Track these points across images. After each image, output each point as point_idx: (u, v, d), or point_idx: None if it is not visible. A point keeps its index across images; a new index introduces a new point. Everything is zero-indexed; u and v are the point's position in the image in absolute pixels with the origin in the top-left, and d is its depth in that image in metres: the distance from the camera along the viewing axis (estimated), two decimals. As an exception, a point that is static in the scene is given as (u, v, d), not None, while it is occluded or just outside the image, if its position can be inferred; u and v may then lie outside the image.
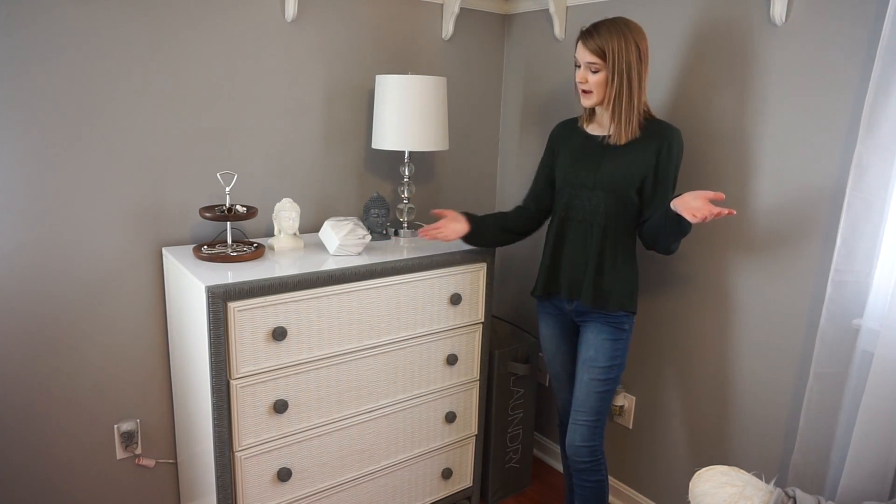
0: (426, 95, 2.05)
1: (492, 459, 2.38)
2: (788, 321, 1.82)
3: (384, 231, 2.18)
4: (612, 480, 2.38)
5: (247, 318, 1.63)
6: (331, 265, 1.81)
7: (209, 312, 1.57)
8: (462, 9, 2.40)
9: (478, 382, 2.21)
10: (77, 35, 1.71)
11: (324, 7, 2.12)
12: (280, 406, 1.73)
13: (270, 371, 1.71)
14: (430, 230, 1.91)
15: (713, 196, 1.53)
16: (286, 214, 1.94)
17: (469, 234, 1.95)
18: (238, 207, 1.91)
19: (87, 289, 1.85)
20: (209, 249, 1.87)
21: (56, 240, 1.78)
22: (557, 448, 2.61)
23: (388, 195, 2.39)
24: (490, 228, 1.99)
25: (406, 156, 2.21)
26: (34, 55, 1.67)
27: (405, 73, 2.11)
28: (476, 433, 2.26)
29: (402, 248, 2.05)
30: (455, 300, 2.04)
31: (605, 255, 1.77)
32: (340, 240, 1.88)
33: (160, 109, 1.88)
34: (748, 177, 1.86)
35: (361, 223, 1.96)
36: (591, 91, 1.72)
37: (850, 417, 1.59)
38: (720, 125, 1.91)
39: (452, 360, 2.09)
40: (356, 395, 1.90)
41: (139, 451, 2.03)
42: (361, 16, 2.21)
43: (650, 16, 1.98)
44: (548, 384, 2.56)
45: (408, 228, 2.23)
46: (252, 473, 1.74)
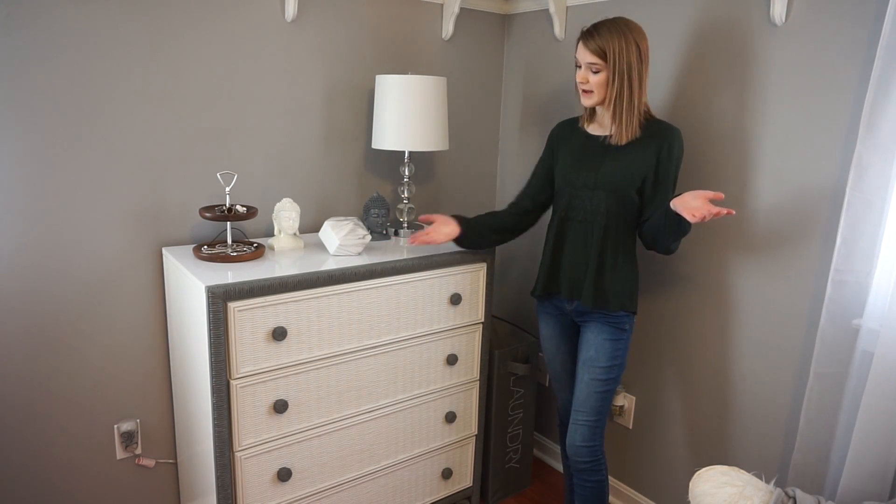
0: (426, 95, 2.05)
1: (492, 459, 2.38)
2: (788, 321, 1.82)
3: (384, 231, 2.18)
4: (612, 480, 2.38)
5: (247, 318, 1.64)
6: (331, 265, 1.81)
7: (209, 312, 1.57)
8: (462, 9, 2.40)
9: (478, 382, 2.21)
10: (77, 35, 1.71)
11: (324, 7, 2.12)
12: (280, 406, 1.73)
13: (270, 371, 1.71)
14: (420, 236, 1.89)
15: (713, 196, 1.53)
16: (286, 214, 1.94)
17: (460, 237, 1.94)
18: (238, 207, 1.91)
19: (87, 289, 1.85)
20: (209, 249, 1.87)
21: (56, 240, 1.78)
22: (557, 448, 2.61)
23: (388, 195, 2.39)
24: (481, 230, 1.98)
25: (406, 156, 2.21)
26: (34, 55, 1.67)
27: (405, 73, 2.11)
28: (476, 433, 2.26)
29: (402, 248, 2.05)
30: (455, 300, 2.04)
31: (606, 255, 1.77)
32: (340, 240, 1.88)
33: (160, 109, 1.88)
34: (748, 177, 1.86)
35: (361, 223, 1.96)
36: (592, 91, 1.72)
37: (850, 417, 1.59)
38: (720, 125, 1.91)
39: (452, 360, 2.09)
40: (356, 395, 1.90)
41: (139, 451, 2.03)
42: (361, 16, 2.21)
43: (650, 16, 1.98)
44: (548, 384, 2.56)
45: (408, 228, 2.22)
46: (252, 473, 1.74)
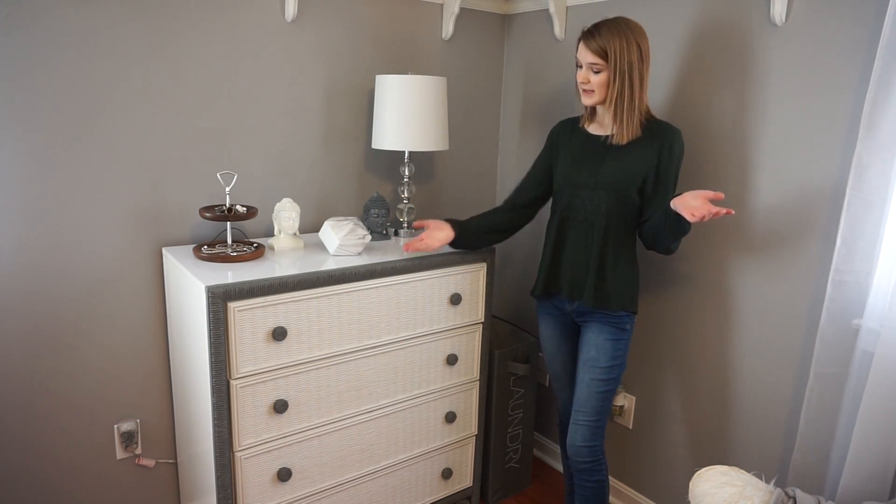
0: (426, 95, 2.04)
1: (492, 459, 2.38)
2: (788, 321, 1.82)
3: (384, 231, 2.18)
4: (613, 480, 2.38)
5: (247, 318, 1.63)
6: (331, 265, 1.81)
7: (209, 312, 1.57)
8: (462, 9, 2.40)
9: (478, 382, 2.21)
10: (77, 35, 1.71)
11: (324, 7, 2.12)
12: (280, 406, 1.73)
13: (270, 371, 1.71)
14: (414, 243, 1.89)
15: (713, 196, 1.53)
16: (286, 214, 1.94)
17: (455, 240, 1.94)
18: (238, 207, 1.91)
19: (87, 289, 1.85)
20: (209, 249, 1.87)
21: (56, 240, 1.78)
22: (557, 448, 2.61)
23: (388, 195, 2.39)
24: (475, 231, 1.98)
25: (406, 156, 2.21)
26: (34, 55, 1.67)
27: (405, 73, 2.11)
28: (476, 433, 2.26)
29: (402, 249, 2.05)
30: (455, 300, 2.04)
31: (607, 256, 1.77)
32: (340, 240, 1.88)
33: (160, 109, 1.88)
34: (748, 177, 1.86)
35: (361, 223, 1.96)
36: (593, 90, 1.72)
37: (850, 417, 1.59)
38: (720, 125, 1.91)
39: (452, 360, 2.09)
40: (356, 395, 1.90)
41: (139, 451, 2.03)
42: (361, 16, 2.21)
43: (650, 16, 1.98)
44: (548, 384, 2.56)
45: (408, 228, 2.23)
46: (252, 473, 1.74)
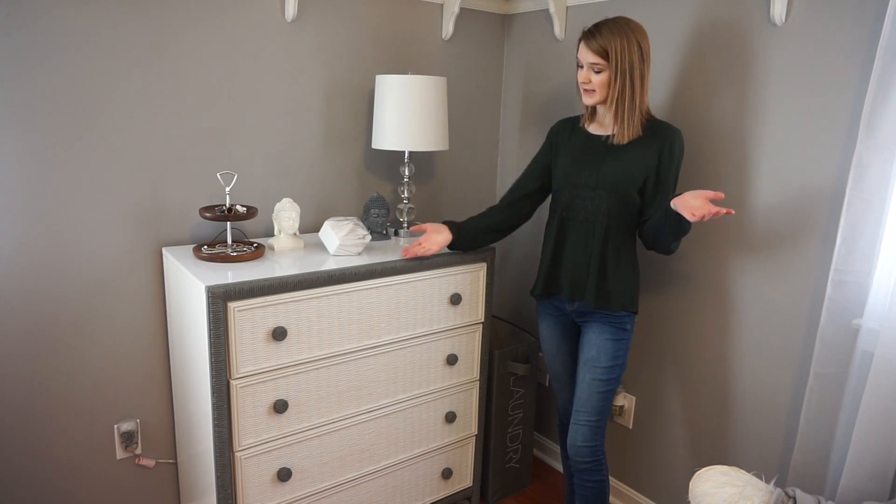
0: (426, 95, 2.04)
1: (492, 459, 2.38)
2: (788, 321, 1.82)
3: (384, 231, 2.18)
4: (613, 480, 2.38)
5: (247, 318, 1.63)
6: (331, 265, 1.81)
7: (209, 312, 1.57)
8: (462, 9, 2.40)
9: (478, 382, 2.21)
10: (77, 35, 1.71)
11: (324, 7, 2.12)
12: (280, 406, 1.73)
13: (270, 371, 1.71)
14: (412, 248, 1.90)
15: (713, 196, 1.53)
16: (286, 214, 1.94)
17: (453, 243, 1.95)
18: (238, 207, 1.91)
19: (87, 289, 1.85)
20: (209, 249, 1.87)
21: (56, 240, 1.78)
22: (557, 448, 2.61)
23: (388, 195, 2.39)
24: (473, 233, 1.98)
25: (406, 156, 2.21)
26: (34, 55, 1.67)
27: (405, 73, 2.11)
28: (476, 433, 2.26)
29: (402, 248, 2.05)
30: (455, 300, 2.04)
31: (608, 256, 1.77)
32: (340, 240, 1.88)
33: (160, 109, 1.88)
34: (748, 177, 1.86)
35: (361, 223, 1.96)
36: (594, 90, 1.72)
37: (850, 417, 1.59)
38: (720, 125, 1.91)
39: (452, 360, 2.09)
40: (356, 395, 1.90)
41: (139, 451, 2.02)
42: (361, 16, 2.21)
43: (650, 16, 1.98)
44: (548, 384, 2.56)
45: (408, 228, 2.22)
46: (252, 473, 1.74)
